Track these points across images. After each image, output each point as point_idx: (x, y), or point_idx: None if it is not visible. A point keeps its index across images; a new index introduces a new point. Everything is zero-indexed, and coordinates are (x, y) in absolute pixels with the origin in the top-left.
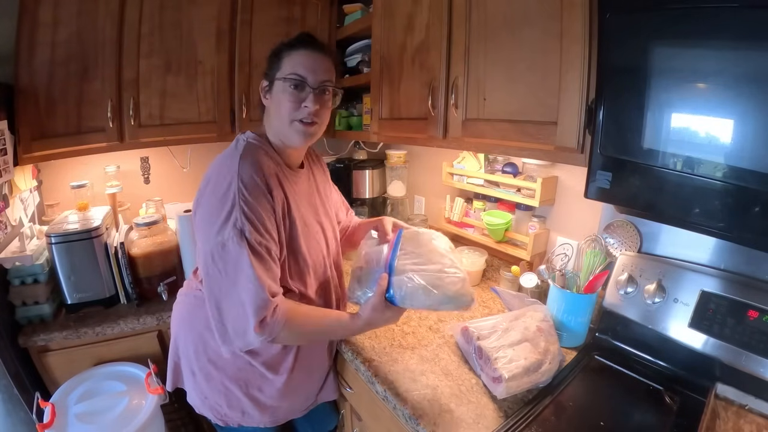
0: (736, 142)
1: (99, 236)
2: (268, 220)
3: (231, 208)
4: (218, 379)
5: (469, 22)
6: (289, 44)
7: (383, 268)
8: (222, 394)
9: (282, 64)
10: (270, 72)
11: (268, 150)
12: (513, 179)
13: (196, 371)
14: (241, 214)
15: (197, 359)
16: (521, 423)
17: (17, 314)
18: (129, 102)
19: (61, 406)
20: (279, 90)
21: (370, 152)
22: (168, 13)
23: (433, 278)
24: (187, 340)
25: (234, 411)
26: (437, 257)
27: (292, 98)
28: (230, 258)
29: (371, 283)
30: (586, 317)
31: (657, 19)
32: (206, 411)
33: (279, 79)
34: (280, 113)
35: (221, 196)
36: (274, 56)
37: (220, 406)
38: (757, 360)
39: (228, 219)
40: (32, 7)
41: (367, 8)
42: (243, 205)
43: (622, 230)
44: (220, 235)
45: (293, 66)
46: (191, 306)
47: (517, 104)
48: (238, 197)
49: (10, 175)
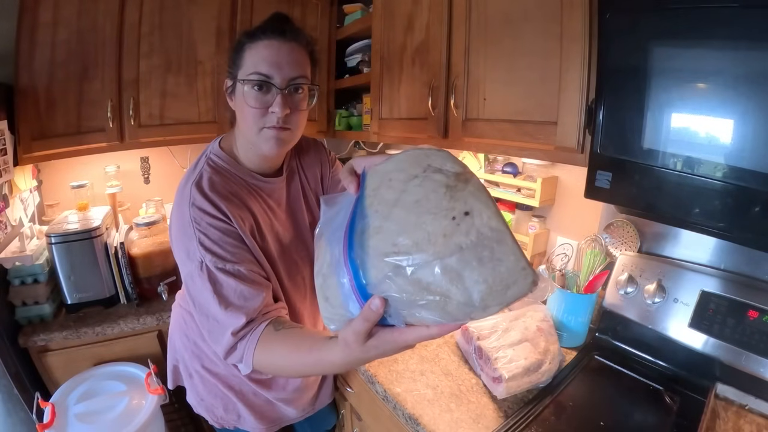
0: (736, 142)
1: (99, 236)
2: (232, 243)
3: (189, 240)
4: (213, 383)
5: (469, 22)
6: (251, 34)
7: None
8: (218, 398)
9: (244, 60)
10: (232, 70)
11: (232, 166)
12: (513, 179)
13: (193, 374)
14: (198, 245)
15: (193, 365)
16: (521, 423)
17: (17, 314)
18: (129, 102)
19: (61, 406)
20: (241, 93)
21: (370, 152)
22: (168, 13)
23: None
24: (185, 345)
25: (230, 414)
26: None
27: (257, 102)
28: (197, 289)
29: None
30: (586, 317)
31: (657, 19)
32: (203, 412)
33: (240, 80)
34: (246, 120)
35: (181, 227)
36: (235, 50)
37: (216, 409)
38: (757, 360)
39: (189, 250)
40: (32, 7)
41: (367, 8)
42: (200, 235)
43: (622, 230)
44: (186, 267)
45: (255, 63)
46: (186, 313)
47: (517, 104)
48: (194, 228)
49: (10, 175)
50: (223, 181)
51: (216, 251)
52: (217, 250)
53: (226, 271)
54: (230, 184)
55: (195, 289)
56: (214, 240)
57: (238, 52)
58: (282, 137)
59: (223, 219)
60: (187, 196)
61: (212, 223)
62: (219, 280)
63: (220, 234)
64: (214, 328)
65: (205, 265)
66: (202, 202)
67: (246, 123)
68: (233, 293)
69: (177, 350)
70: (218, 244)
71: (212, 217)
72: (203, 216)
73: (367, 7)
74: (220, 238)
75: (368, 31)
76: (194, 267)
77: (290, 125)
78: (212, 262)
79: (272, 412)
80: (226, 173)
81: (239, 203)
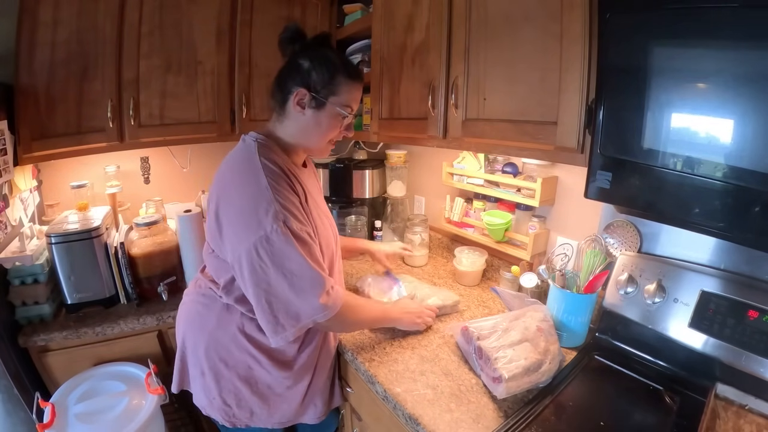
0: (736, 142)
1: (99, 236)
2: (301, 210)
3: (267, 203)
4: (228, 378)
5: (469, 22)
6: (349, 73)
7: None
8: (232, 394)
9: (339, 89)
10: (320, 89)
11: (277, 149)
12: (513, 179)
13: (206, 371)
14: (279, 206)
15: (207, 359)
16: (521, 423)
17: (17, 314)
18: (129, 102)
19: (61, 406)
20: (330, 114)
21: (370, 152)
22: (168, 12)
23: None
24: (197, 340)
25: (243, 411)
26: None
27: (339, 125)
28: (276, 249)
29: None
30: (586, 317)
31: (657, 19)
32: (214, 412)
33: (334, 104)
34: (320, 132)
35: (252, 193)
36: (328, 74)
37: (229, 407)
38: (757, 360)
39: (267, 213)
40: (32, 7)
41: (367, 8)
42: (278, 197)
43: (622, 230)
44: (262, 230)
45: (351, 99)
46: (201, 306)
47: (517, 104)
48: (271, 191)
49: (10, 175)
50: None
51: (296, 214)
52: (296, 213)
53: (305, 231)
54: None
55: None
56: (291, 204)
57: (332, 79)
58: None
59: (292, 186)
60: (256, 164)
61: (286, 188)
62: (302, 238)
63: (292, 199)
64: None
65: (288, 227)
66: (274, 169)
67: (319, 134)
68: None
69: (188, 347)
70: (294, 207)
71: (286, 183)
72: (280, 180)
73: (367, 7)
74: (294, 202)
75: (368, 31)
76: (274, 228)
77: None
78: (294, 224)
79: (285, 408)
80: (277, 154)
81: (294, 177)
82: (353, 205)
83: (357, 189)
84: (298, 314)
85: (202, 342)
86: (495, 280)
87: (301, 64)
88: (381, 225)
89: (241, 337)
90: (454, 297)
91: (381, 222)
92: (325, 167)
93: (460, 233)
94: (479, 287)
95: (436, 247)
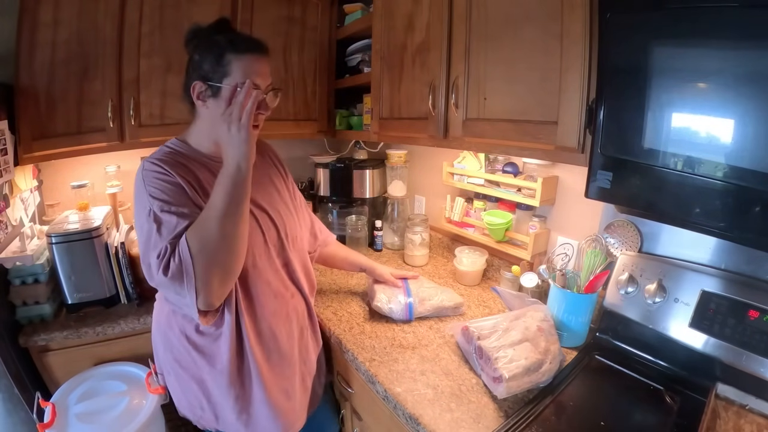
0: (736, 141)
1: (99, 236)
2: (176, 192)
3: (144, 204)
4: (185, 378)
5: (470, 22)
6: (234, 47)
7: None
8: (193, 394)
9: (230, 69)
10: (212, 75)
11: (185, 149)
12: (513, 179)
13: (170, 370)
14: (149, 197)
15: (165, 357)
16: (521, 423)
17: (18, 314)
18: (129, 102)
19: (61, 405)
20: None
21: (371, 152)
22: (168, 12)
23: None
24: (157, 339)
25: (206, 413)
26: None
27: None
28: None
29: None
30: (587, 317)
31: (657, 18)
32: (185, 411)
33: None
34: None
35: (139, 201)
36: (216, 57)
37: (194, 407)
38: (757, 360)
39: (141, 207)
40: (32, 7)
41: (367, 8)
42: (151, 189)
43: (622, 230)
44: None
45: (247, 74)
46: (157, 303)
47: (517, 104)
48: (146, 191)
49: (10, 175)
50: (173, 156)
51: (162, 198)
52: (162, 197)
53: (170, 212)
54: (179, 158)
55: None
56: (161, 190)
57: (219, 61)
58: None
59: (168, 174)
60: (140, 171)
61: (159, 177)
62: (162, 219)
63: (165, 185)
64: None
65: (152, 212)
66: (150, 167)
67: None
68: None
69: (155, 347)
70: (165, 193)
71: (159, 173)
72: (152, 174)
73: (368, 6)
74: (166, 188)
75: (368, 30)
76: (144, 219)
77: (258, 123)
78: (158, 207)
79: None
80: (176, 153)
81: (186, 170)
82: (354, 205)
83: (357, 189)
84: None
85: (160, 341)
86: (495, 279)
87: (193, 58)
88: (381, 225)
89: (182, 337)
90: (457, 299)
91: (381, 222)
92: (326, 167)
93: (460, 233)
94: (480, 287)
95: (437, 246)
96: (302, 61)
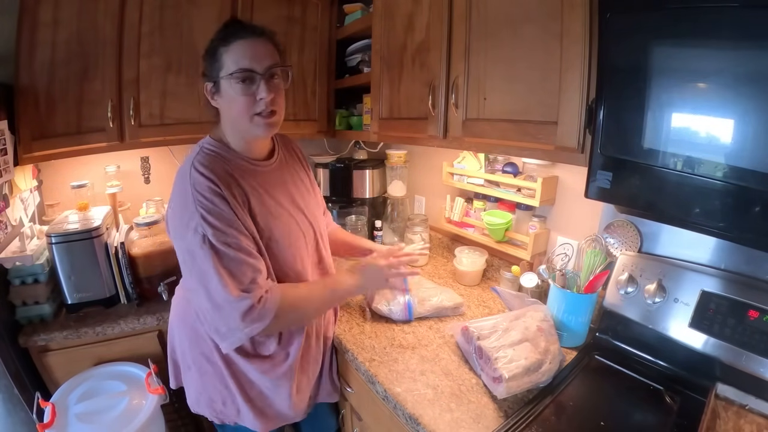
0: (736, 141)
1: (99, 236)
2: (232, 218)
3: (191, 216)
4: (211, 373)
5: (470, 22)
6: (223, 39)
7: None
8: (216, 390)
9: (223, 62)
10: (211, 73)
11: (225, 152)
12: (513, 179)
13: (191, 365)
14: (201, 219)
15: (191, 353)
16: (521, 423)
17: (17, 314)
18: (129, 102)
19: (61, 405)
20: (228, 89)
21: (371, 152)
22: (168, 12)
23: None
24: (182, 334)
25: (228, 408)
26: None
27: (245, 93)
28: (197, 264)
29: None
30: (587, 317)
31: (657, 18)
32: (203, 408)
33: (224, 78)
34: (237, 111)
35: (182, 206)
36: (210, 56)
37: (215, 403)
38: (757, 360)
39: (189, 226)
40: (32, 7)
41: (367, 8)
42: (201, 211)
43: (622, 230)
44: (185, 242)
45: (236, 61)
46: (185, 301)
47: (517, 104)
48: (195, 205)
49: (10, 175)
50: (219, 164)
51: (215, 224)
52: (216, 223)
53: (227, 244)
54: (224, 164)
55: (193, 265)
56: (213, 214)
57: (214, 57)
58: (271, 122)
59: (222, 196)
60: (187, 178)
61: (210, 192)
62: (221, 252)
63: (216, 208)
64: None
65: (207, 238)
66: (200, 179)
67: (238, 113)
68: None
69: (176, 340)
70: (217, 218)
71: (210, 188)
72: (202, 188)
73: (368, 6)
74: (217, 212)
75: (368, 30)
76: (195, 242)
77: (275, 107)
78: (212, 234)
79: (270, 408)
80: (219, 158)
81: (234, 182)
82: (353, 205)
83: (357, 189)
84: (218, 330)
85: (186, 336)
86: (495, 279)
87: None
88: (381, 225)
89: None
90: (457, 299)
91: (381, 222)
92: (326, 167)
93: (460, 233)
94: (479, 287)
95: (437, 246)
96: (302, 61)
